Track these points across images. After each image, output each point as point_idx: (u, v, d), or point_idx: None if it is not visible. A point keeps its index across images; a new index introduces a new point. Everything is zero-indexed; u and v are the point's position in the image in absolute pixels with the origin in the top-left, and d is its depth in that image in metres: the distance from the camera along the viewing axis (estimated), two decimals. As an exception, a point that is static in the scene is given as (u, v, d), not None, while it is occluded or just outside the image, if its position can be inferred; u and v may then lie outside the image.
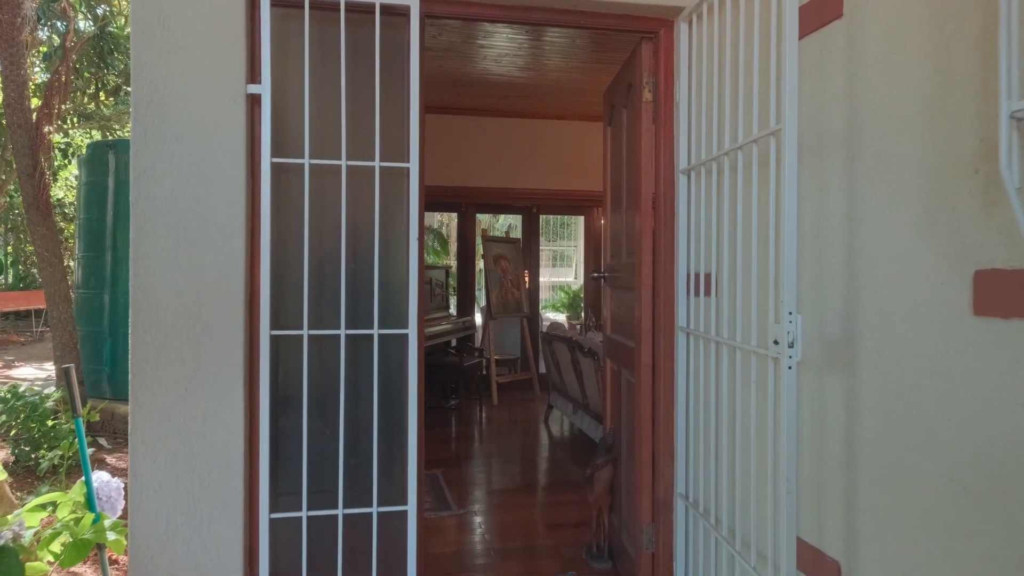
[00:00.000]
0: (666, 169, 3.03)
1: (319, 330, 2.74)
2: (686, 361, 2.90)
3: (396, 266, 2.88)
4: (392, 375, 2.91)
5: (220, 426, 2.59)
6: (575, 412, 6.15)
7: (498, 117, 8.28)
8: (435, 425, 6.78)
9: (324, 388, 2.80)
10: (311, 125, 2.75)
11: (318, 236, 2.81)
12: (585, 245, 8.89)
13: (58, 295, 5.86)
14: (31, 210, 5.84)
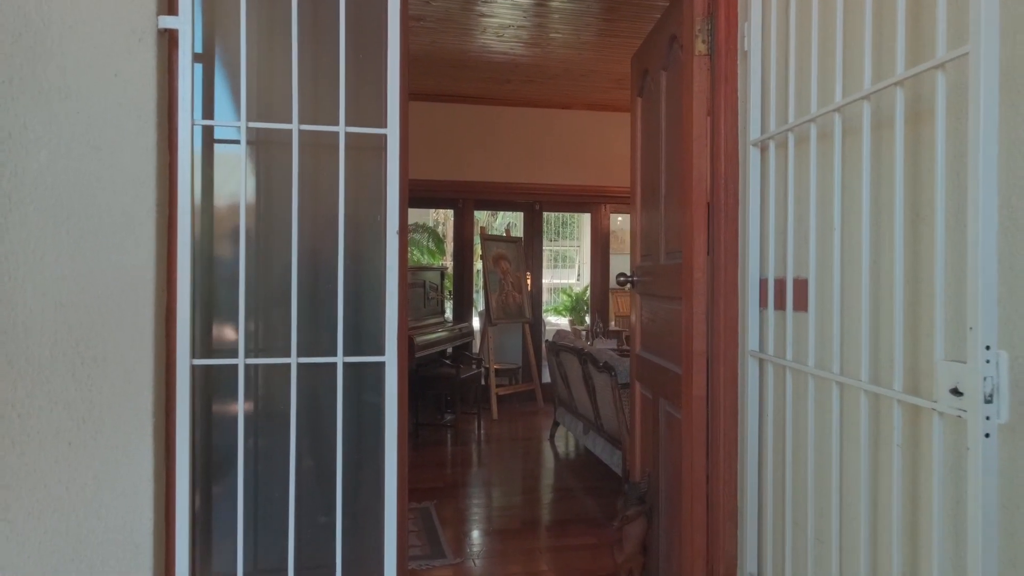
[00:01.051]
0: (728, 142, 2.28)
1: (262, 358, 1.98)
2: (759, 396, 2.15)
3: (369, 271, 2.12)
4: (364, 417, 2.14)
5: (119, 495, 1.82)
6: (586, 432, 5.40)
7: (499, 106, 7.52)
8: (428, 445, 6.01)
9: (270, 436, 2.04)
10: (253, 77, 1.99)
11: (262, 230, 2.05)
12: (592, 245, 8.14)
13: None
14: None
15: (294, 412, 1.93)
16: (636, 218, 3.16)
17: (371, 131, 1.99)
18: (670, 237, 2.69)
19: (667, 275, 2.69)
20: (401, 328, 2.03)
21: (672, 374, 2.61)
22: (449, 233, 9.05)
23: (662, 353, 2.78)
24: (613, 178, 7.77)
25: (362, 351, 2.05)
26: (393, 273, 1.98)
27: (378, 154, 2.08)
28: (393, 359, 1.99)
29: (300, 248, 1.99)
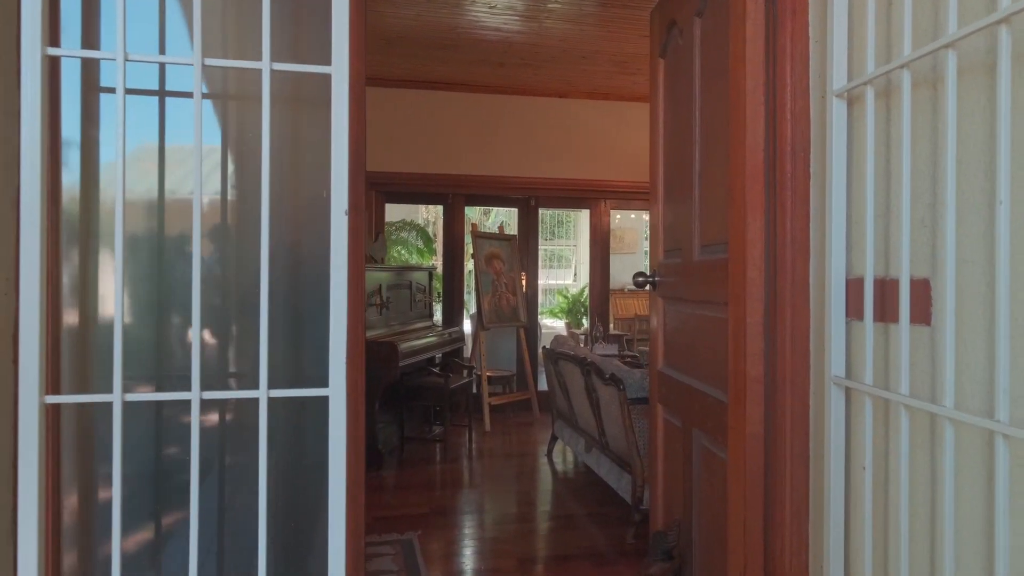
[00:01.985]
0: (796, 95, 1.69)
1: (152, 392, 1.39)
2: (845, 439, 1.56)
3: (307, 271, 1.52)
4: (301, 471, 1.55)
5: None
6: (588, 450, 4.80)
7: (492, 94, 6.93)
8: (415, 462, 5.41)
9: (165, 497, 1.45)
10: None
11: (159, 216, 1.46)
12: (591, 243, 7.55)
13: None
14: None
15: (195, 469, 1.34)
16: (658, 206, 2.57)
17: (308, 69, 1.39)
18: (708, 226, 2.10)
19: (703, 274, 2.10)
20: (353, 349, 1.43)
21: (711, 401, 2.02)
22: (440, 232, 8.45)
23: (695, 372, 2.19)
24: (613, 172, 7.19)
25: (299, 381, 1.45)
26: (340, 272, 1.38)
27: (317, 107, 1.49)
28: (340, 391, 1.39)
29: (216, 241, 1.40)
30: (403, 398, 5.57)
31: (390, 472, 5.15)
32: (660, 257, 2.56)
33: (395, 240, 8.49)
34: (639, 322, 9.57)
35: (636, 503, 3.90)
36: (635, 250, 10.80)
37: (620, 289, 10.16)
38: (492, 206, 8.73)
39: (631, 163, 7.18)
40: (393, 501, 4.53)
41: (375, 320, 5.39)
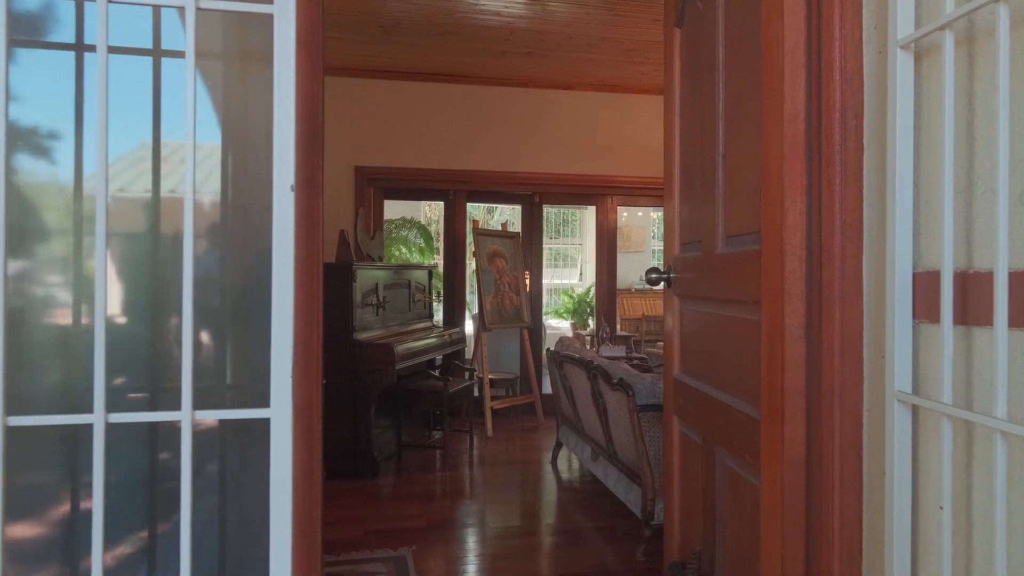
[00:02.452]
0: (847, 52, 1.39)
1: (45, 414, 1.11)
2: (911, 467, 1.26)
3: (243, 261, 1.24)
4: (238, 513, 1.27)
5: None
6: (595, 459, 4.51)
7: (494, 86, 6.64)
8: (412, 470, 5.12)
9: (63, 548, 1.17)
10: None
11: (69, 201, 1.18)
12: (597, 241, 7.25)
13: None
14: None
15: (99, 512, 1.05)
16: (673, 193, 2.28)
17: (240, 7, 1.11)
18: (735, 213, 1.81)
19: (729, 269, 1.81)
20: (304, 359, 1.15)
21: (738, 416, 1.73)
22: (442, 230, 8.17)
23: (718, 381, 1.90)
24: (620, 167, 6.90)
25: (235, 400, 1.17)
26: (284, 264, 1.10)
27: (258, 64, 1.20)
28: (284, 412, 1.10)
29: (136, 227, 1.11)
30: (401, 402, 5.29)
31: (386, 480, 4.87)
32: (676, 251, 2.27)
33: (396, 239, 8.21)
34: (647, 323, 9.27)
35: (647, 518, 3.61)
36: (643, 249, 10.49)
37: (627, 289, 9.86)
38: (495, 203, 8.44)
39: (638, 158, 6.88)
40: (388, 513, 4.25)
41: (371, 321, 5.11)
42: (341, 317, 4.84)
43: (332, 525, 3.96)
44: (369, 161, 6.45)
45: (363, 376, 4.84)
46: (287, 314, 1.08)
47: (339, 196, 6.32)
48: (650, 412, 3.65)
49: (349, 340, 4.84)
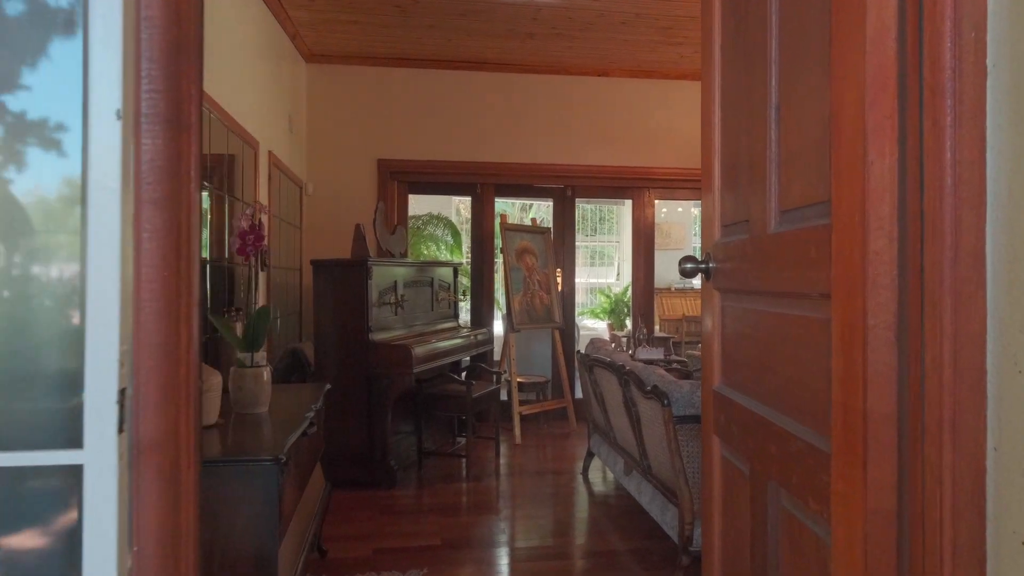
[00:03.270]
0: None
1: None
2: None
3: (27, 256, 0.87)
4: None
5: None
6: (627, 473, 4.08)
7: (523, 73, 6.25)
8: (433, 481, 4.76)
9: None
10: None
11: None
12: (633, 238, 6.81)
13: None
14: None
15: None
16: (712, 163, 1.85)
17: None
18: (792, 180, 1.38)
19: (785, 253, 1.39)
20: (165, 371, 0.77)
21: (800, 446, 1.31)
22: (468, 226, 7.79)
23: (772, 398, 1.47)
24: (658, 159, 6.44)
25: (9, 441, 0.79)
26: (106, 235, 0.72)
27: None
28: (108, 458, 0.73)
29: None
30: (422, 407, 4.93)
31: (403, 491, 4.51)
32: (716, 236, 1.84)
33: (424, 236, 7.87)
34: (687, 324, 8.77)
35: (684, 543, 3.17)
36: (682, 246, 9.97)
37: (666, 288, 9.37)
38: (525, 197, 8.04)
39: (677, 149, 6.42)
40: (402, 528, 3.88)
41: (389, 321, 4.76)
42: (356, 316, 4.51)
43: (338, 542, 3.61)
44: (392, 154, 6.12)
45: (379, 379, 4.49)
46: (109, 313, 0.72)
47: (361, 190, 6.00)
48: (688, 424, 3.22)
49: (364, 341, 4.49)
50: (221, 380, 2.56)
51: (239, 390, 2.76)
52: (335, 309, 4.54)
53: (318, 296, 4.60)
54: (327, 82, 6.02)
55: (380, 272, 4.65)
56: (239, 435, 2.45)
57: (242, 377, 2.75)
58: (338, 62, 6.00)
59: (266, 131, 4.51)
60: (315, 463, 3.17)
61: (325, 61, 5.98)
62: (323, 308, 4.58)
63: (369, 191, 6.00)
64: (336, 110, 6.04)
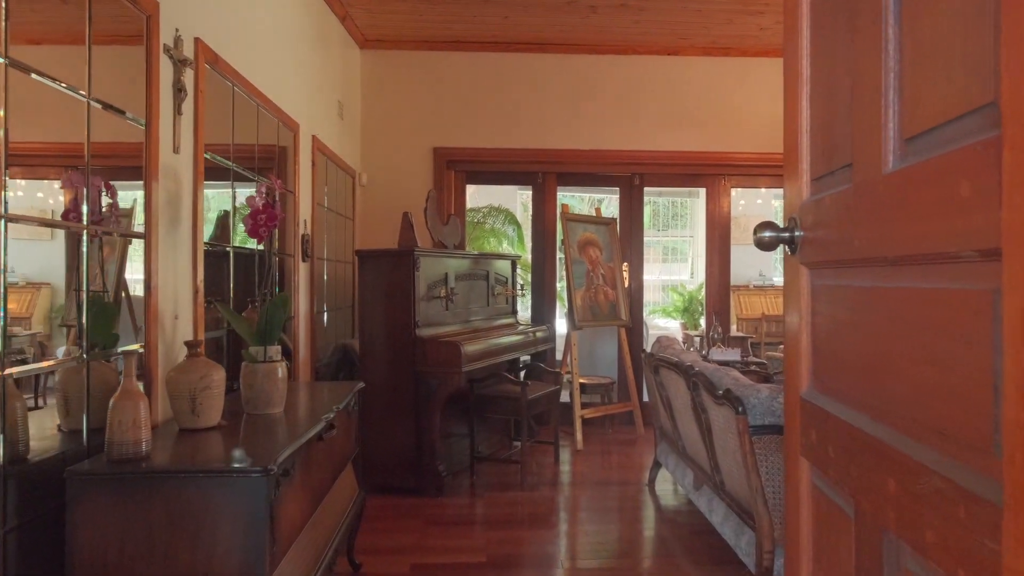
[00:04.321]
0: None
1: None
2: None
3: None
4: None
5: None
6: (698, 487, 3.60)
7: (585, 54, 5.82)
8: (484, 488, 4.38)
9: None
10: None
11: None
12: (707, 229, 6.26)
13: None
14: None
15: None
16: (798, 85, 1.38)
17: None
18: (924, 85, 0.92)
19: (913, 196, 0.93)
20: None
21: (942, 486, 0.85)
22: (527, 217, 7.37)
23: (891, 412, 1.01)
24: (734, 143, 5.89)
25: None
26: None
27: None
28: None
29: None
30: (475, 409, 4.57)
31: (452, 499, 4.15)
32: (803, 194, 1.38)
33: (485, 230, 7.51)
34: (767, 323, 8.13)
35: (763, 574, 2.69)
36: (762, 240, 9.31)
37: (744, 285, 8.73)
38: (589, 185, 7.57)
39: (757, 132, 5.85)
40: (446, 542, 3.52)
41: (438, 316, 4.42)
42: (402, 311, 4.18)
43: (375, 555, 3.27)
44: (449, 142, 5.79)
45: (426, 378, 4.15)
46: None
47: (416, 180, 5.70)
48: (767, 435, 2.73)
49: (410, 336, 4.16)
50: (223, 377, 2.25)
51: (250, 388, 2.44)
52: (380, 303, 4.23)
53: (363, 289, 4.30)
54: (381, 68, 5.75)
55: (429, 263, 4.31)
56: (235, 440, 2.12)
57: (253, 374, 2.44)
58: (392, 47, 5.71)
59: (309, 114, 4.23)
60: (339, 469, 2.83)
61: (379, 46, 5.70)
62: (368, 302, 4.27)
63: (425, 181, 5.69)
64: (391, 97, 5.76)
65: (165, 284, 2.39)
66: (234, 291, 3.12)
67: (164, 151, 2.38)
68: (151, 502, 1.77)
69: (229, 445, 2.02)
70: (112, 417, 1.81)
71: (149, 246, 2.27)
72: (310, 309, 4.25)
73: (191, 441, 2.08)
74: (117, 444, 1.81)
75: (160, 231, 2.34)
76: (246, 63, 3.15)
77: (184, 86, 2.48)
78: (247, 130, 3.28)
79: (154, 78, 2.26)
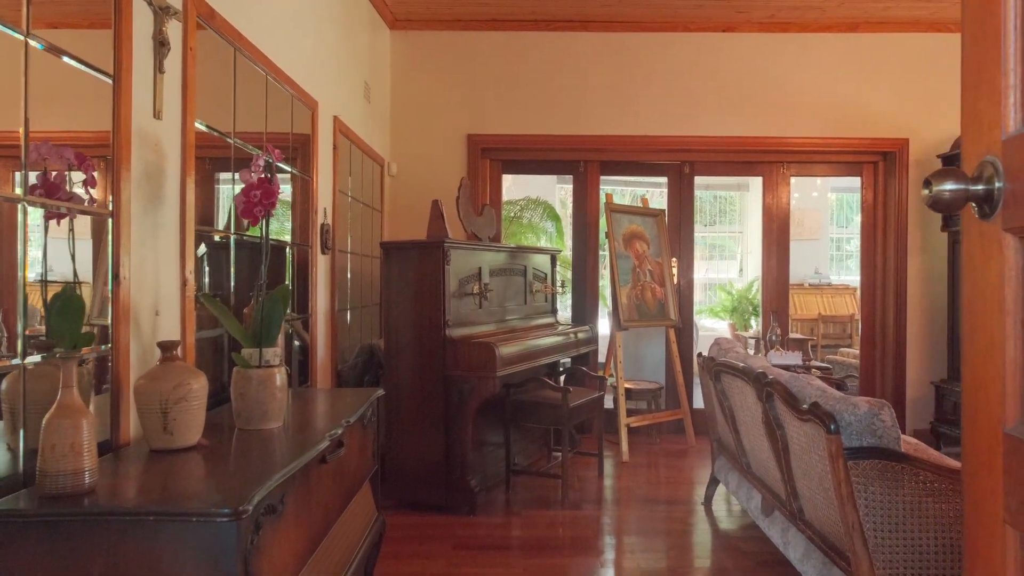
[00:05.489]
0: None
1: None
2: None
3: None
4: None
5: None
6: (767, 513, 3.09)
7: (631, 32, 5.33)
8: (520, 505, 3.91)
9: None
10: None
11: None
12: (764, 222, 5.70)
13: None
14: None
15: None
16: None
17: None
18: None
19: None
20: None
21: None
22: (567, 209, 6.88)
23: None
24: (794, 127, 5.34)
25: None
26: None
27: None
28: None
29: None
30: (511, 417, 4.11)
31: (485, 518, 3.70)
32: (1009, 120, 0.90)
33: (523, 224, 7.06)
34: (824, 324, 7.52)
35: (862, 633, 2.18)
36: (817, 235, 8.66)
37: (799, 284, 8.13)
38: (635, 175, 7.05)
39: (818, 115, 5.31)
40: (476, 570, 3.07)
41: (471, 314, 3.98)
42: (431, 309, 3.75)
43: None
44: (483, 128, 5.35)
45: (458, 383, 3.71)
46: None
47: (449, 169, 5.27)
48: (867, 460, 2.22)
49: (440, 337, 3.73)
50: (205, 385, 1.83)
51: (241, 399, 2.03)
52: (407, 300, 3.80)
53: (388, 284, 3.87)
54: (412, 50, 5.33)
55: (460, 257, 3.87)
56: (213, 465, 1.70)
57: (246, 381, 2.02)
58: (423, 27, 5.30)
59: (330, 92, 3.83)
60: (352, 492, 2.40)
61: (410, 27, 5.29)
62: (394, 299, 3.85)
63: (458, 171, 5.25)
64: (422, 81, 5.34)
65: (141, 274, 1.98)
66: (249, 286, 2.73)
67: (140, 114, 1.97)
68: (92, 552, 1.35)
69: (202, 473, 1.60)
70: (45, 440, 1.40)
71: (118, 226, 1.86)
72: (330, 306, 3.84)
73: (158, 467, 1.66)
74: (51, 475, 1.40)
75: (134, 210, 1.94)
76: (252, 25, 2.74)
77: (167, 40, 2.07)
78: (254, 105, 2.87)
79: (124, 23, 1.85)
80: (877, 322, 5.56)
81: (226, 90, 2.60)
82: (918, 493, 2.19)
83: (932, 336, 5.34)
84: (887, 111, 5.32)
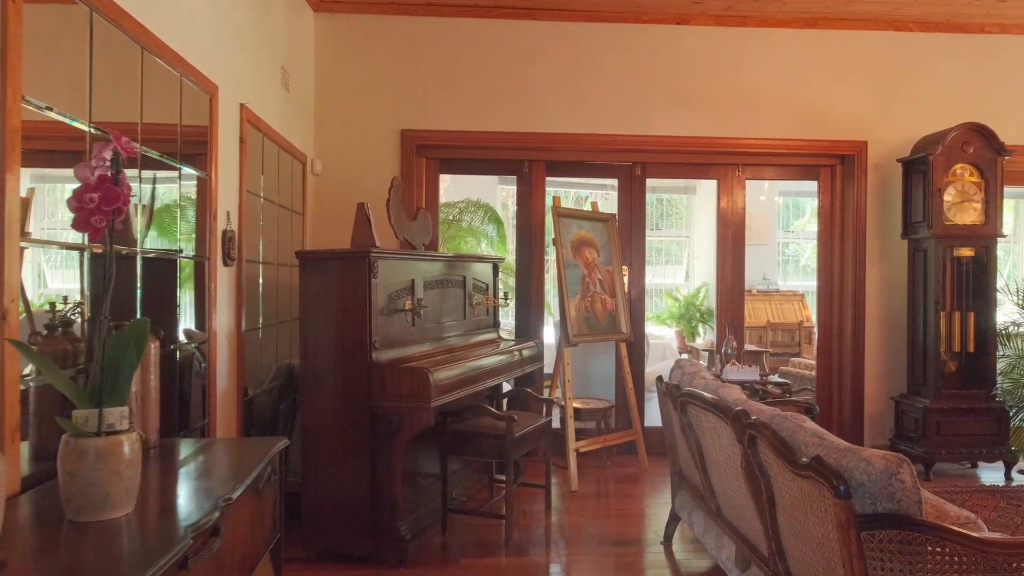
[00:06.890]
0: None
1: None
2: None
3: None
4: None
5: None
6: (743, 567, 2.66)
7: (581, 21, 4.88)
8: (457, 551, 3.39)
9: None
10: None
11: None
12: (719, 226, 5.33)
13: None
14: None
15: None
16: None
17: None
18: None
19: None
20: None
21: None
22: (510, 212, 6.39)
23: None
24: (750, 127, 4.99)
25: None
26: None
27: None
28: None
29: None
30: (448, 448, 3.60)
31: (420, 570, 3.18)
32: None
33: (463, 229, 6.54)
34: (773, 332, 7.25)
35: None
36: (766, 240, 8.41)
37: (747, 290, 7.85)
38: (583, 175, 6.62)
39: (777, 114, 4.97)
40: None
41: (401, 334, 3.45)
42: (354, 328, 3.20)
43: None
44: (420, 123, 4.81)
45: (386, 415, 3.18)
46: None
47: (381, 167, 4.72)
48: (884, 531, 1.80)
49: (365, 361, 3.18)
50: (3, 471, 1.27)
51: (71, 479, 1.46)
52: (327, 318, 3.25)
53: (306, 301, 3.30)
54: (340, 36, 4.76)
55: (389, 267, 3.34)
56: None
57: (78, 456, 1.46)
58: (352, 10, 4.73)
59: (236, 77, 3.25)
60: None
61: (337, 9, 4.71)
62: (312, 317, 3.28)
63: (391, 170, 4.70)
64: (351, 69, 4.77)
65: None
66: (144, 312, 2.16)
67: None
68: None
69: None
70: None
71: None
72: (235, 327, 3.25)
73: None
74: None
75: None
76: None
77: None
78: (123, 86, 2.28)
79: None
80: (834, 333, 5.27)
81: (80, 64, 2.01)
82: (943, 570, 1.78)
83: (891, 348, 5.06)
84: (846, 112, 5.02)
